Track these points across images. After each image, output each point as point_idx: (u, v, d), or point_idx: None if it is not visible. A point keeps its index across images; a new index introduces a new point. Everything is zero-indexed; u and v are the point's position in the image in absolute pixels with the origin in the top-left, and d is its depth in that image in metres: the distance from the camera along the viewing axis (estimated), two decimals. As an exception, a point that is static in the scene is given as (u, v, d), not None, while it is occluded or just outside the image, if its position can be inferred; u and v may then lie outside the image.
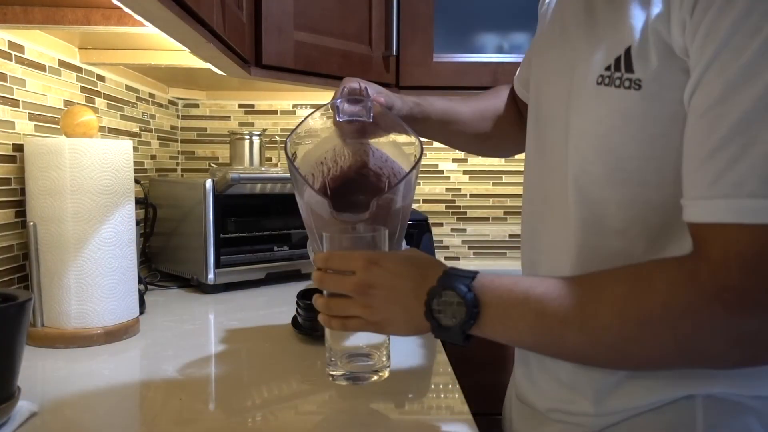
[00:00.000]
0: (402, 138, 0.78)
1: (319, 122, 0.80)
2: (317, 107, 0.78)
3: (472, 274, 0.60)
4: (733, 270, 0.48)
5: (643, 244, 0.59)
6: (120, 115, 1.42)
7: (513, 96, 0.96)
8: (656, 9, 0.53)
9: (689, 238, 0.53)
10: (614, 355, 0.55)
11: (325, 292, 0.70)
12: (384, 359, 0.75)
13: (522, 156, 0.89)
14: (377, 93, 0.82)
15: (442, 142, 0.98)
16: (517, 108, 0.96)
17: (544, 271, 0.71)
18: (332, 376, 0.75)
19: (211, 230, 1.36)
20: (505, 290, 0.58)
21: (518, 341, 0.61)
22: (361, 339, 0.73)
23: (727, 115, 0.48)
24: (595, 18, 0.62)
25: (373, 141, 0.82)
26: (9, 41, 0.99)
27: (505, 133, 0.96)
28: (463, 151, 1.01)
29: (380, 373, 0.75)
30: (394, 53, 1.52)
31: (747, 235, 0.47)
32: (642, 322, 0.51)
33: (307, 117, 0.78)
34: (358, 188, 0.79)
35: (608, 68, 0.58)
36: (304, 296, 1.02)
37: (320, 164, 0.79)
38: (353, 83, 0.81)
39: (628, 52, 0.56)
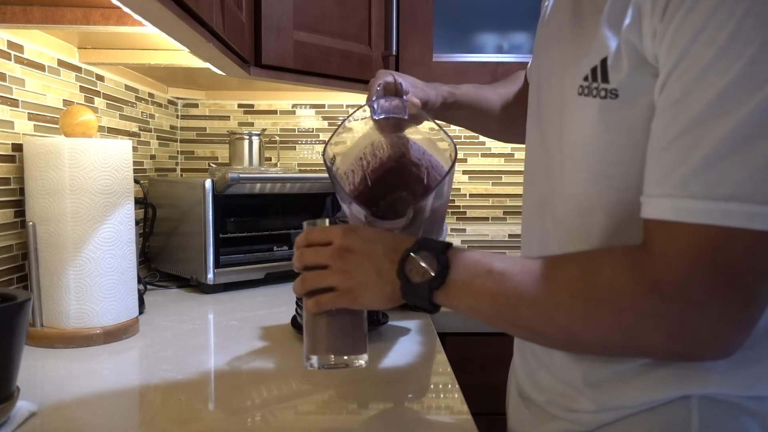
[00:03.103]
0: (435, 134, 0.79)
1: (357, 124, 0.81)
2: (355, 108, 0.79)
3: (446, 244, 0.63)
4: (672, 264, 0.50)
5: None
6: (119, 114, 1.42)
7: (527, 86, 0.99)
8: (627, 19, 0.55)
9: None
10: (562, 334, 0.58)
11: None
12: (361, 346, 0.72)
13: (521, 156, 0.89)
14: (412, 87, 0.85)
15: (470, 129, 1.02)
16: None
17: None
18: (309, 363, 0.71)
19: (210, 230, 1.35)
20: (472, 260, 0.62)
21: (478, 311, 0.62)
22: (337, 324, 0.71)
23: (679, 117, 0.50)
24: (582, 24, 0.63)
25: (409, 133, 0.84)
26: (8, 41, 0.99)
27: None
28: (489, 137, 1.07)
29: (358, 361, 0.72)
30: (394, 53, 1.52)
31: (686, 234, 0.50)
32: (589, 303, 0.54)
33: (344, 121, 0.79)
34: (398, 179, 0.81)
35: (586, 78, 0.59)
36: (304, 296, 1.02)
37: (360, 160, 0.81)
38: (387, 77, 0.83)
39: (604, 62, 0.57)
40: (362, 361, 0.73)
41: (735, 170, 0.48)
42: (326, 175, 1.88)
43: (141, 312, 1.12)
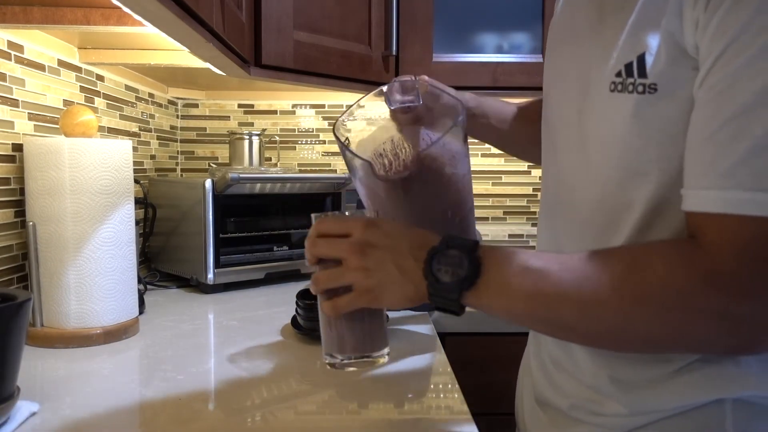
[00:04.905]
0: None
1: (370, 110, 0.80)
2: (365, 94, 0.79)
3: (475, 241, 0.59)
4: (726, 256, 0.50)
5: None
6: (119, 114, 1.42)
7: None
8: (667, 12, 0.54)
9: None
10: (607, 335, 0.55)
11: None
12: (380, 342, 0.69)
13: (522, 156, 0.89)
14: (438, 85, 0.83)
15: (496, 146, 0.99)
16: None
17: None
18: (331, 364, 0.69)
19: (210, 230, 1.36)
20: (505, 258, 0.57)
21: (512, 312, 0.58)
22: (356, 323, 0.68)
23: (723, 107, 0.50)
24: (605, 22, 0.62)
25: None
26: (8, 41, 0.99)
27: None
28: (517, 157, 1.03)
29: (380, 357, 0.69)
30: (394, 53, 1.52)
31: (736, 225, 0.49)
32: (638, 300, 0.52)
33: (355, 103, 0.77)
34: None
35: (619, 74, 0.58)
36: (304, 296, 1.02)
37: (380, 156, 0.78)
38: (405, 77, 0.81)
39: (641, 57, 0.56)
40: (384, 356, 0.69)
41: None
42: (327, 175, 1.87)
43: (141, 312, 1.12)
